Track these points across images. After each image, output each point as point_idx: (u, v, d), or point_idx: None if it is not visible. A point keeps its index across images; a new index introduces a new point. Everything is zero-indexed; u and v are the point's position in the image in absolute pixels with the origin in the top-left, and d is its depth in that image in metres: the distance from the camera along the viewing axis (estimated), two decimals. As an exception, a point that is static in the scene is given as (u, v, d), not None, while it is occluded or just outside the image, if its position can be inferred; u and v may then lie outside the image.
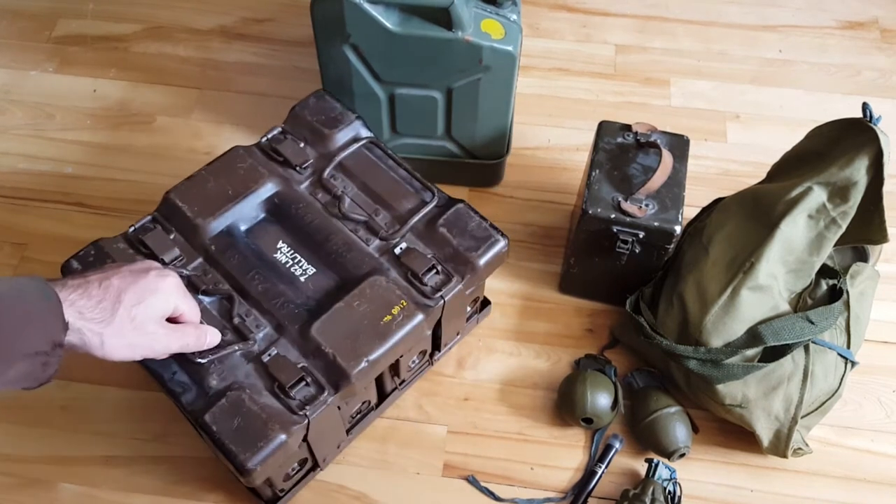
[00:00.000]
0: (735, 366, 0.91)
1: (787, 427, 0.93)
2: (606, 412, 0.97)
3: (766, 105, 1.36)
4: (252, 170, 0.94)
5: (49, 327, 0.63)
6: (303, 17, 1.09)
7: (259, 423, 0.77)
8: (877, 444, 1.01)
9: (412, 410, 1.03)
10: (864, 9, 1.50)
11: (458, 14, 0.97)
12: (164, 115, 1.33)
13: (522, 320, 1.11)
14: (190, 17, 1.46)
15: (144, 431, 1.01)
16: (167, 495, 0.96)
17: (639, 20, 1.48)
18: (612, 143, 1.03)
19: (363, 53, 1.04)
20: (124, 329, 0.69)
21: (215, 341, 0.81)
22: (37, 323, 0.62)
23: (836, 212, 0.90)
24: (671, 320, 0.97)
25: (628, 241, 0.97)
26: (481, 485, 0.98)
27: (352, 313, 0.84)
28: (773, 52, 1.43)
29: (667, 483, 0.94)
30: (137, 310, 0.70)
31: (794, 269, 0.94)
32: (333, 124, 0.98)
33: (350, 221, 0.92)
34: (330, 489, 0.97)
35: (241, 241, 0.91)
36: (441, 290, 0.88)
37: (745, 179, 1.17)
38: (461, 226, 0.91)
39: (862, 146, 0.87)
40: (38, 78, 1.37)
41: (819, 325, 0.92)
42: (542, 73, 1.39)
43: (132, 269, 0.73)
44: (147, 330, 0.72)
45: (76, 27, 1.44)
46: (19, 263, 1.15)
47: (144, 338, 0.72)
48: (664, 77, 1.39)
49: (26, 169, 1.26)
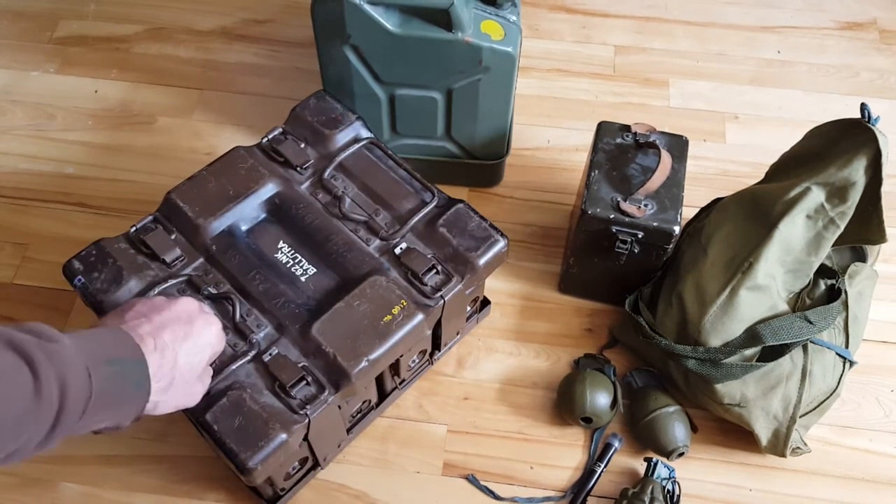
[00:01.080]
0: (734, 365, 0.92)
1: (786, 426, 0.94)
2: (606, 411, 0.98)
3: (765, 106, 1.36)
4: (253, 170, 0.94)
5: (126, 415, 0.63)
6: (303, 18, 1.09)
7: (260, 423, 0.77)
8: (875, 443, 1.02)
9: (412, 410, 1.04)
10: (862, 10, 1.50)
11: (458, 15, 0.97)
12: (165, 116, 1.33)
13: (522, 320, 1.12)
14: (191, 18, 1.47)
15: (145, 431, 1.01)
16: (168, 494, 0.97)
17: (638, 21, 1.48)
18: (611, 143, 1.03)
19: (363, 54, 1.04)
20: (178, 393, 0.68)
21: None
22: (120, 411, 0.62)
23: (834, 212, 0.90)
24: (670, 320, 0.97)
25: (627, 241, 0.97)
26: (481, 484, 0.98)
27: (352, 313, 0.84)
28: (771, 52, 1.44)
29: (666, 482, 0.94)
30: (191, 372, 0.69)
31: (793, 269, 0.94)
32: (334, 125, 0.99)
33: (350, 221, 0.93)
34: (330, 488, 0.97)
35: (241, 241, 0.91)
36: (441, 290, 0.88)
37: (743, 180, 1.18)
38: (461, 226, 0.92)
39: (860, 146, 0.88)
40: (39, 78, 1.38)
41: (817, 325, 0.92)
42: (541, 73, 1.40)
43: (180, 317, 0.69)
44: (193, 391, 0.72)
45: (77, 28, 1.45)
46: (21, 263, 1.15)
47: (189, 398, 0.72)
48: (663, 78, 1.39)
49: (27, 169, 1.26)
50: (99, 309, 0.85)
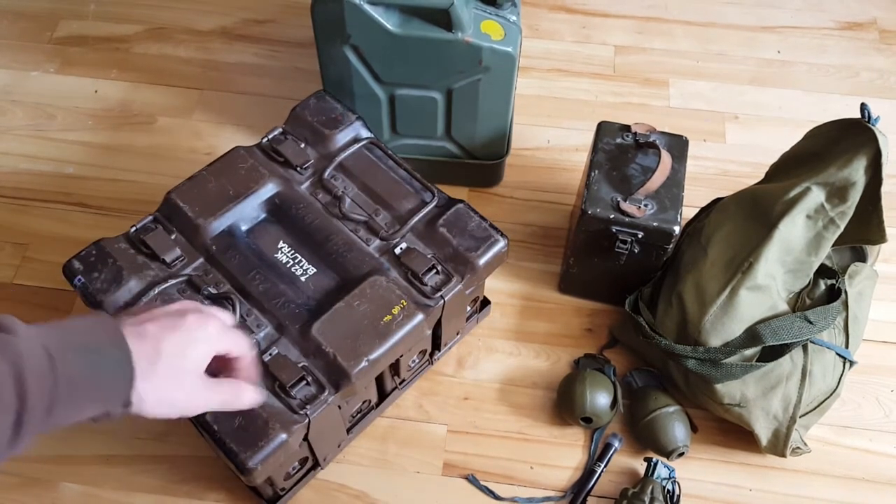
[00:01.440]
0: (734, 365, 0.92)
1: (786, 426, 0.94)
2: (605, 411, 0.98)
3: (765, 106, 1.36)
4: (253, 170, 0.94)
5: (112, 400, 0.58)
6: (303, 18, 1.09)
7: (260, 423, 0.77)
8: (875, 443, 1.02)
9: (412, 410, 1.04)
10: (862, 10, 1.50)
11: (458, 15, 0.97)
12: (165, 116, 1.33)
13: (522, 320, 1.12)
14: (191, 18, 1.47)
15: (145, 431, 1.01)
16: (168, 494, 0.97)
17: (638, 21, 1.48)
18: (611, 143, 1.03)
19: (363, 54, 1.04)
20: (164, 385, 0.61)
21: (256, 401, 0.69)
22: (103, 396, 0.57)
23: (834, 212, 0.90)
24: (670, 320, 0.97)
25: (627, 241, 0.97)
26: (481, 484, 0.98)
27: (352, 313, 0.84)
28: (771, 52, 1.44)
29: (666, 482, 0.94)
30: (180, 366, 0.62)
31: (793, 269, 0.94)
32: (334, 125, 0.99)
33: (350, 221, 0.93)
34: (330, 488, 0.97)
35: (241, 241, 0.91)
36: (441, 290, 0.88)
37: (743, 180, 1.18)
38: (461, 226, 0.92)
39: (860, 146, 0.88)
40: (39, 78, 1.38)
41: (817, 325, 0.92)
42: (541, 73, 1.40)
43: (167, 312, 0.64)
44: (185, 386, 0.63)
45: (77, 28, 1.45)
46: (21, 263, 1.15)
47: (182, 393, 0.63)
48: (663, 78, 1.39)
49: (28, 169, 1.26)
50: (99, 309, 0.85)
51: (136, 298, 0.85)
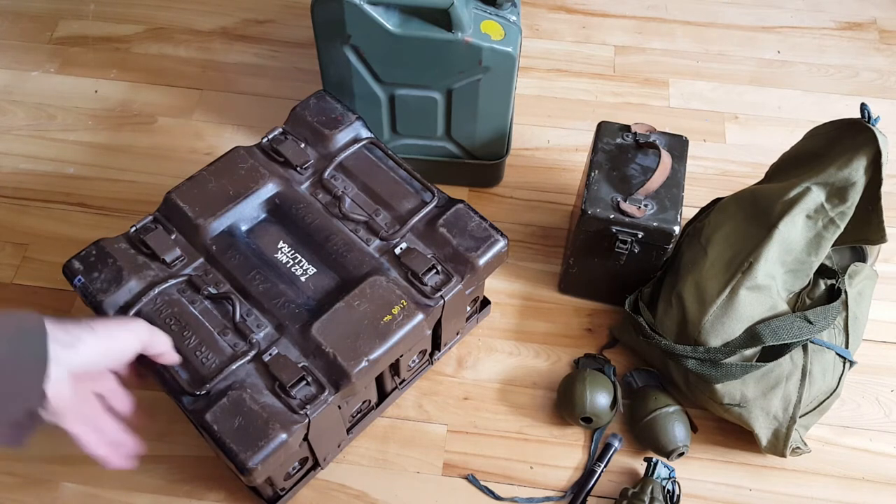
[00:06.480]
0: (733, 365, 0.92)
1: (786, 426, 0.94)
2: (605, 411, 0.98)
3: (765, 106, 1.36)
4: (253, 170, 0.95)
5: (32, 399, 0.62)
6: (303, 18, 1.09)
7: (260, 423, 0.78)
8: (875, 443, 1.02)
9: (412, 410, 1.04)
10: (862, 10, 1.50)
11: (458, 15, 0.97)
12: (165, 116, 1.33)
13: (522, 320, 1.12)
14: (191, 18, 1.47)
15: (145, 431, 1.00)
16: (168, 494, 0.97)
17: (638, 21, 1.48)
18: (611, 143, 1.03)
19: (363, 54, 1.04)
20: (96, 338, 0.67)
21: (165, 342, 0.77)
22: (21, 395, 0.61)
23: (834, 212, 0.90)
24: (670, 320, 0.97)
25: (627, 241, 0.97)
26: (481, 484, 0.98)
27: (352, 313, 0.84)
28: (771, 52, 1.44)
29: (666, 482, 0.94)
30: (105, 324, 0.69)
31: (793, 269, 0.94)
32: (334, 125, 0.99)
33: (350, 222, 0.93)
34: (330, 488, 0.97)
35: (241, 241, 0.91)
36: (441, 290, 0.88)
37: (743, 180, 1.18)
38: (461, 226, 0.92)
39: (860, 146, 0.88)
40: (39, 79, 1.38)
41: (817, 325, 0.92)
42: (541, 73, 1.40)
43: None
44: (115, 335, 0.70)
45: (77, 28, 1.45)
46: (21, 263, 1.15)
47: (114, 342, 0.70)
48: (663, 78, 1.39)
49: (28, 169, 1.26)
50: (99, 309, 0.85)
51: (136, 298, 0.85)
